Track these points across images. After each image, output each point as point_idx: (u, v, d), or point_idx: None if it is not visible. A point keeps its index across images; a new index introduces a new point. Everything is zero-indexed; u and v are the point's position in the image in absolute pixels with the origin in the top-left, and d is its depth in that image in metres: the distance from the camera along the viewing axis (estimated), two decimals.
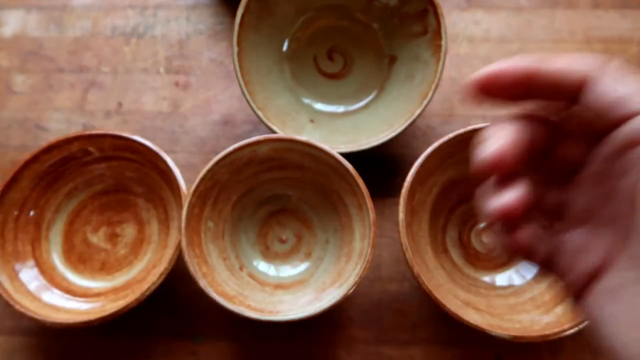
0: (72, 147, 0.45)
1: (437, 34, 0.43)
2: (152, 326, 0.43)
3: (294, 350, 0.42)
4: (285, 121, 0.46)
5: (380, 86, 0.48)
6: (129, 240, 0.46)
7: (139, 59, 0.54)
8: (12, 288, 0.41)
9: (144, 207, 0.47)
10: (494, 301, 0.41)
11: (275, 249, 0.45)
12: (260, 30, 0.45)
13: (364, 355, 0.42)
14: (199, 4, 0.56)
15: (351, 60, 0.49)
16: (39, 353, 0.43)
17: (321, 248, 0.44)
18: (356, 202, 0.41)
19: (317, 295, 0.40)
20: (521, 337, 0.35)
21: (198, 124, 0.51)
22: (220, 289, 0.39)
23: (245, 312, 0.37)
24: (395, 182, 0.48)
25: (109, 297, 0.43)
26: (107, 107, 0.52)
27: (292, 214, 0.46)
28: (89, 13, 0.56)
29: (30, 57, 0.54)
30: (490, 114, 0.50)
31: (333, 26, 0.48)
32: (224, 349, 0.43)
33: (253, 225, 0.45)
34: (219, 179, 0.42)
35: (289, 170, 0.44)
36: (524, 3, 0.55)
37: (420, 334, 0.43)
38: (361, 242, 0.40)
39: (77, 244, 0.46)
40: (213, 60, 0.53)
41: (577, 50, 0.53)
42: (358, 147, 0.44)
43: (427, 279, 0.37)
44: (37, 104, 0.52)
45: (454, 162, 0.43)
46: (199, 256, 0.40)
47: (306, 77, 0.49)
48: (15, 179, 0.43)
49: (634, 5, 0.54)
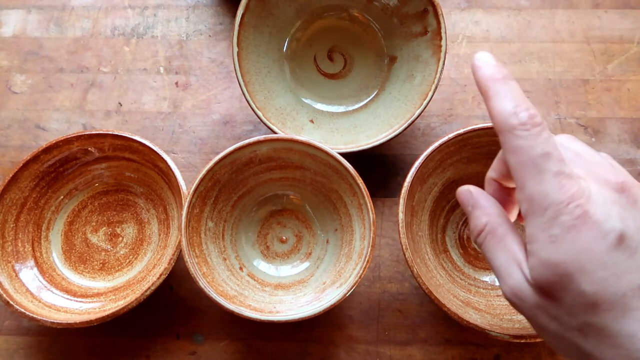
0: (72, 147, 0.45)
1: (437, 34, 0.43)
2: (152, 326, 0.43)
3: (294, 350, 0.42)
4: (285, 121, 0.46)
5: (380, 86, 0.48)
6: (129, 240, 0.46)
7: (139, 59, 0.54)
8: (12, 288, 0.41)
9: (144, 207, 0.47)
10: (494, 301, 0.42)
11: (275, 249, 0.45)
12: (260, 30, 0.45)
13: (364, 355, 0.42)
14: (199, 4, 0.56)
15: (351, 60, 0.49)
16: (39, 353, 0.43)
17: (321, 248, 0.44)
18: (356, 202, 0.41)
19: (317, 295, 0.40)
20: (521, 337, 0.35)
21: (198, 124, 0.51)
22: (220, 289, 0.39)
23: (245, 312, 0.37)
24: (395, 182, 0.48)
25: (109, 297, 0.43)
26: (107, 107, 0.52)
27: (292, 214, 0.46)
28: (89, 13, 0.56)
29: (30, 57, 0.54)
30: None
31: (333, 26, 0.48)
32: (224, 349, 0.43)
33: (253, 225, 0.45)
34: (219, 179, 0.42)
35: (289, 170, 0.44)
36: (524, 3, 0.55)
37: (420, 334, 0.43)
38: (361, 242, 0.40)
39: (77, 244, 0.46)
40: (213, 60, 0.53)
41: (577, 50, 0.53)
42: (358, 147, 0.44)
43: (427, 279, 0.37)
44: (37, 104, 0.52)
45: (454, 162, 0.43)
46: (199, 256, 0.40)
47: (306, 77, 0.49)
48: (15, 179, 0.43)
49: (634, 5, 0.54)
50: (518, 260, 0.24)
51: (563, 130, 0.50)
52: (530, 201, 0.22)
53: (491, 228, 0.25)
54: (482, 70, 0.24)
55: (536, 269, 0.22)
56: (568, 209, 0.21)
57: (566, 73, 0.52)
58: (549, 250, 0.22)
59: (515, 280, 0.24)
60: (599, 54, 0.53)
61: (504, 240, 0.25)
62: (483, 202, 0.27)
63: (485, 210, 0.26)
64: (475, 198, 0.27)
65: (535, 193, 0.22)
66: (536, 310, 0.23)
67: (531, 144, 0.22)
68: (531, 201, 0.22)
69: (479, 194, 0.27)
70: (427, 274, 0.39)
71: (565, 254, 0.21)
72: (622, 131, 0.49)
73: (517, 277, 0.24)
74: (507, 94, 0.23)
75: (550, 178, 0.22)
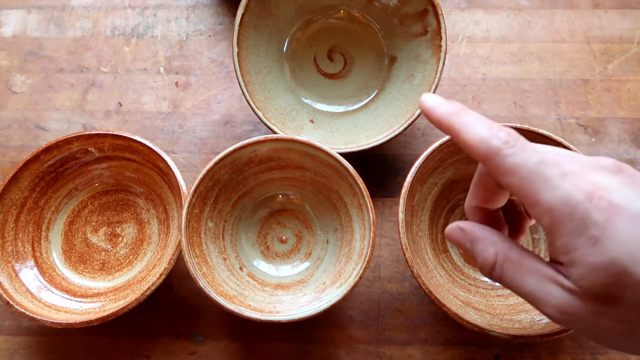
0: (72, 147, 0.45)
1: (437, 34, 0.43)
2: (152, 326, 0.43)
3: (294, 350, 0.42)
4: (285, 121, 0.46)
5: (380, 86, 0.48)
6: (129, 240, 0.46)
7: (139, 59, 0.54)
8: (12, 288, 0.41)
9: (144, 207, 0.47)
10: (494, 301, 0.42)
11: (275, 249, 0.45)
12: (260, 30, 0.45)
13: (364, 355, 0.42)
14: (199, 4, 0.56)
15: (351, 60, 0.49)
16: (39, 353, 0.43)
17: (321, 248, 0.44)
18: (356, 202, 0.41)
19: (317, 295, 0.40)
20: (520, 337, 0.35)
21: (198, 124, 0.51)
22: (220, 289, 0.39)
23: (245, 312, 0.37)
24: (395, 182, 0.48)
25: (109, 297, 0.43)
26: (107, 107, 0.52)
27: (292, 214, 0.46)
28: (89, 13, 0.56)
29: (30, 57, 0.54)
30: (489, 114, 0.50)
31: (333, 26, 0.48)
32: (224, 349, 0.43)
33: (253, 225, 0.45)
34: (219, 179, 0.42)
35: (289, 170, 0.44)
36: (524, 3, 0.55)
37: (420, 334, 0.43)
38: (361, 242, 0.40)
39: (77, 244, 0.46)
40: (213, 60, 0.53)
41: (577, 50, 0.53)
42: (358, 147, 0.44)
43: (427, 279, 0.37)
44: (37, 104, 0.52)
45: (454, 162, 0.43)
46: (199, 256, 0.40)
47: (306, 77, 0.49)
48: (15, 179, 0.43)
49: (634, 5, 0.54)
50: (551, 277, 0.22)
51: (563, 130, 0.50)
52: (551, 211, 0.21)
53: (504, 256, 0.24)
54: (437, 109, 0.24)
55: (586, 277, 0.21)
56: (593, 205, 0.20)
57: (566, 73, 0.52)
58: (594, 253, 0.20)
59: (559, 299, 0.22)
60: (599, 54, 0.53)
61: (524, 264, 0.23)
62: (480, 234, 0.25)
63: (487, 241, 0.25)
64: (470, 233, 0.25)
65: (553, 202, 0.21)
66: (595, 319, 0.22)
67: (525, 157, 0.22)
68: (552, 211, 0.21)
69: (471, 227, 0.25)
70: (427, 274, 0.39)
71: (613, 251, 0.20)
72: (622, 131, 0.49)
73: (559, 294, 0.22)
74: (475, 122, 0.23)
75: (560, 182, 0.21)
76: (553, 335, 0.35)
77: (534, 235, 0.44)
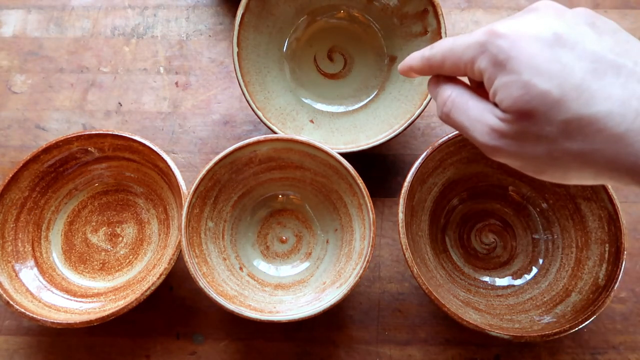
0: (72, 147, 0.45)
1: (437, 34, 0.43)
2: (152, 326, 0.43)
3: (294, 350, 0.42)
4: (285, 121, 0.46)
5: (380, 86, 0.48)
6: (129, 240, 0.46)
7: (139, 59, 0.54)
8: (12, 288, 0.41)
9: (144, 207, 0.47)
10: (494, 301, 0.42)
11: (275, 249, 0.45)
12: (260, 30, 0.45)
13: (364, 355, 0.42)
14: (199, 4, 0.56)
15: (351, 60, 0.49)
16: (39, 353, 0.43)
17: (321, 248, 0.44)
18: (356, 202, 0.41)
19: (317, 295, 0.40)
20: (521, 337, 0.35)
21: (198, 124, 0.51)
22: (220, 289, 0.39)
23: (245, 312, 0.37)
24: (395, 182, 0.48)
25: (109, 297, 0.43)
26: (107, 107, 0.52)
27: (292, 214, 0.46)
28: (89, 13, 0.56)
29: (30, 57, 0.54)
30: None
31: (333, 26, 0.48)
32: (224, 349, 0.43)
33: (253, 225, 0.45)
34: (219, 179, 0.42)
35: (289, 170, 0.44)
36: (524, 3, 0.55)
37: (420, 334, 0.43)
38: (361, 242, 0.40)
39: (77, 244, 0.46)
40: (213, 60, 0.53)
41: None
42: (358, 147, 0.44)
43: (427, 279, 0.37)
44: (37, 104, 0.52)
45: (454, 162, 0.43)
46: (199, 256, 0.40)
47: (306, 77, 0.49)
48: (15, 179, 0.43)
49: (634, 5, 0.54)
50: (488, 109, 0.25)
51: None
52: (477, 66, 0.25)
53: (456, 95, 0.27)
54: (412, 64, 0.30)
55: (505, 99, 0.23)
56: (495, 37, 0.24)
57: None
58: (505, 75, 0.23)
59: (491, 124, 0.25)
60: None
61: (470, 101, 0.26)
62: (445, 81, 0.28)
63: (449, 84, 0.28)
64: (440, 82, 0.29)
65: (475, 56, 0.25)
66: (521, 142, 0.24)
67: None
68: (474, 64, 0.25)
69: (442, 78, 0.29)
70: (427, 274, 0.39)
71: (517, 69, 0.23)
72: None
73: (492, 121, 0.25)
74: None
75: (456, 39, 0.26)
76: (553, 335, 0.35)
77: (534, 235, 0.44)
